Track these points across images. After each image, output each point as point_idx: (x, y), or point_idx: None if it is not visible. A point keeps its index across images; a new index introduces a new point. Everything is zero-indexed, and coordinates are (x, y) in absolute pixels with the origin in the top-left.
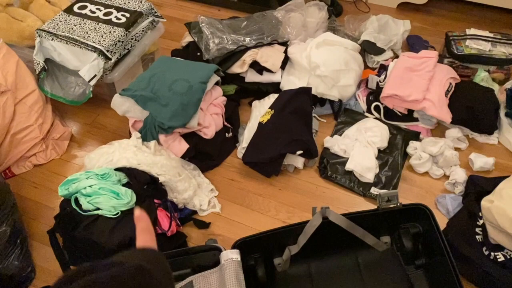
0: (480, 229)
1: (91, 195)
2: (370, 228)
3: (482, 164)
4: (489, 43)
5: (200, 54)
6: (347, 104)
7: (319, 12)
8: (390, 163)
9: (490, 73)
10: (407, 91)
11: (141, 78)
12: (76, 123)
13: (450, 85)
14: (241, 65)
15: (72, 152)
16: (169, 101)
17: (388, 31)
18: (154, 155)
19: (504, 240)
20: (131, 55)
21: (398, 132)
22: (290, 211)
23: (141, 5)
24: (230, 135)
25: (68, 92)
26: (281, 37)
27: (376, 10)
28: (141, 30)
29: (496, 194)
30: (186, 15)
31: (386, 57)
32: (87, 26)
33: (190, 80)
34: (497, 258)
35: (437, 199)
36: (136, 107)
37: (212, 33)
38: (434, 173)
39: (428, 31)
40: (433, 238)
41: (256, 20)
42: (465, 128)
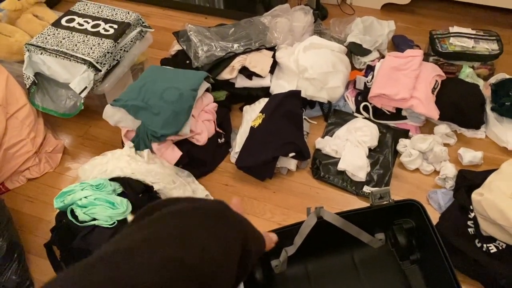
0: (471, 222)
1: (86, 206)
2: (364, 225)
3: (471, 159)
4: (472, 40)
5: (189, 62)
6: (336, 105)
7: (304, 16)
8: (381, 162)
9: (474, 69)
10: (394, 90)
11: (132, 88)
12: (69, 136)
13: (436, 83)
14: (230, 71)
15: (66, 164)
16: (160, 110)
17: (373, 32)
18: (147, 163)
19: (496, 231)
20: (120, 65)
21: (388, 130)
22: (285, 213)
23: (128, 16)
24: (222, 140)
25: (59, 105)
26: (268, 42)
27: (361, 12)
28: (130, 41)
29: (486, 187)
30: (173, 24)
31: (373, 57)
32: (76, 38)
33: (180, 88)
34: (489, 250)
35: (429, 194)
36: (128, 117)
37: (200, 40)
38: (424, 169)
39: (413, 30)
40: (426, 233)
41: (243, 26)
42: (453, 124)
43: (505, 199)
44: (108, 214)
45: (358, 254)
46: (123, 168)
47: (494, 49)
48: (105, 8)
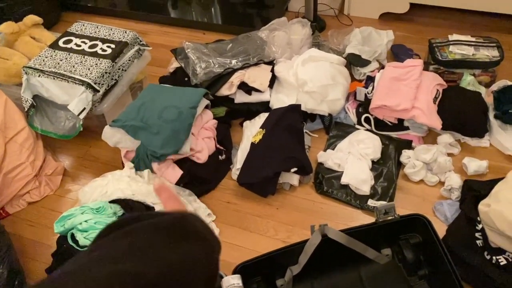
0: (479, 233)
1: (87, 230)
2: (370, 241)
3: (476, 168)
4: (472, 47)
5: (188, 79)
6: (337, 118)
7: (302, 29)
8: (385, 174)
9: (476, 77)
10: (395, 101)
11: (131, 108)
12: (69, 157)
13: (437, 92)
14: (229, 87)
15: (66, 186)
16: (160, 129)
17: (372, 43)
18: (148, 184)
19: (505, 243)
20: (119, 85)
21: (390, 142)
22: (289, 230)
23: (126, 35)
24: (223, 157)
25: (58, 126)
26: (267, 56)
27: (359, 22)
28: (128, 60)
29: (493, 197)
30: (171, 40)
31: (372, 68)
32: (73, 60)
33: (179, 106)
34: (499, 262)
35: (435, 206)
36: (127, 137)
37: (198, 57)
38: (429, 180)
39: (412, 39)
40: (433, 248)
41: (241, 41)
42: (456, 133)
43: None
44: None
45: (365, 270)
46: (124, 189)
47: (495, 56)
48: (102, 28)
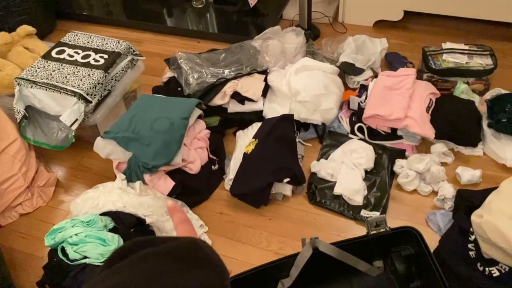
0: (472, 244)
1: (77, 243)
2: (362, 254)
3: (469, 177)
4: (465, 55)
5: (181, 89)
6: (331, 127)
7: (296, 38)
8: (378, 184)
9: (469, 85)
10: (388, 110)
11: (122, 119)
12: (62, 168)
13: (430, 101)
14: (222, 97)
15: (59, 197)
16: (151, 140)
17: (365, 51)
18: (139, 195)
19: (497, 254)
20: (112, 95)
21: (384, 151)
22: (282, 241)
23: (119, 45)
24: (216, 167)
25: (51, 137)
26: (260, 66)
27: (353, 30)
28: (121, 70)
29: (485, 207)
30: (166, 49)
31: (366, 76)
32: (66, 70)
33: (171, 117)
34: (492, 274)
35: (428, 216)
36: (118, 149)
37: (191, 68)
38: (422, 190)
39: (406, 47)
40: (425, 260)
41: (234, 51)
42: (449, 142)
43: (506, 221)
44: (99, 251)
45: (357, 283)
46: (115, 201)
47: (488, 64)
48: (95, 38)
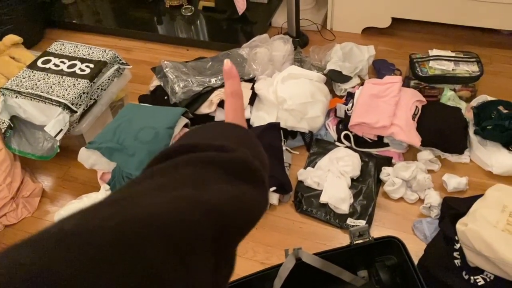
0: (458, 253)
1: None
2: (346, 264)
3: (456, 185)
4: (452, 62)
5: (167, 98)
6: (318, 135)
7: (284, 45)
8: (364, 192)
9: (456, 92)
10: (374, 118)
11: (107, 129)
12: (48, 178)
13: (416, 108)
14: (209, 106)
15: (45, 208)
16: (135, 151)
17: (353, 58)
18: None
19: (482, 262)
20: (98, 104)
21: (370, 159)
22: (268, 250)
23: (105, 54)
24: None
25: (37, 147)
26: (247, 74)
27: (342, 38)
28: (107, 79)
29: (470, 216)
30: (155, 57)
31: (353, 84)
32: (51, 80)
33: (156, 126)
34: (477, 282)
35: (414, 224)
36: (102, 159)
37: (177, 76)
38: (409, 197)
39: (394, 53)
40: (408, 270)
41: (221, 59)
42: (436, 149)
43: (490, 229)
44: None
45: None
46: None
47: (475, 71)
48: (81, 48)
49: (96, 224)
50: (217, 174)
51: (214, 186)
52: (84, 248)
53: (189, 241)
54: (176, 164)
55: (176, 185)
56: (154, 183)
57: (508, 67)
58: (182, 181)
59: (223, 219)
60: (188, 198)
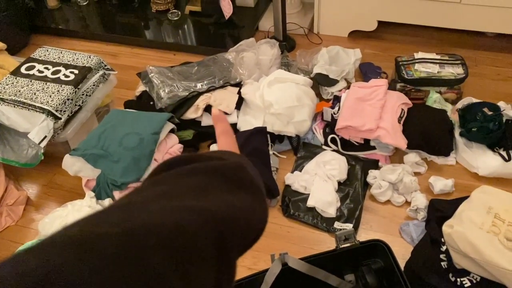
0: (444, 255)
1: None
2: (333, 268)
3: (442, 187)
4: (437, 65)
5: (153, 103)
6: (305, 138)
7: (271, 49)
8: (351, 195)
9: (442, 94)
10: (360, 122)
11: (91, 135)
12: (32, 185)
13: (402, 111)
14: (195, 110)
15: (29, 216)
16: (120, 157)
17: (339, 62)
18: None
19: (469, 264)
20: (83, 111)
21: (357, 162)
22: (255, 255)
23: (90, 60)
24: None
25: (21, 155)
26: (233, 78)
27: (329, 41)
28: (92, 85)
29: (456, 218)
30: (141, 62)
31: (340, 87)
32: (35, 87)
33: (141, 132)
34: (463, 284)
35: (401, 227)
36: (87, 166)
37: (162, 82)
38: (395, 200)
39: (380, 57)
40: (394, 273)
41: (207, 64)
42: (422, 151)
43: (476, 231)
44: None
45: None
46: None
47: (460, 73)
48: (66, 53)
49: (101, 230)
50: (218, 183)
51: (216, 195)
52: (89, 253)
53: (191, 250)
54: (180, 173)
55: (179, 194)
56: (158, 191)
57: (493, 69)
58: (185, 190)
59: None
60: (190, 207)
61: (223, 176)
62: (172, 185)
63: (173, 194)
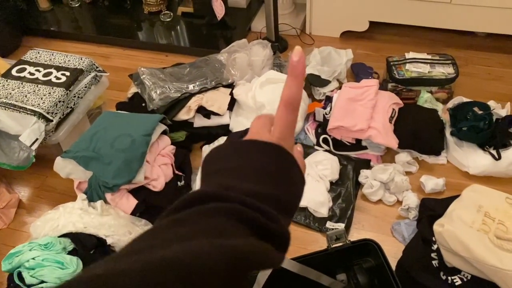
0: (435, 254)
1: (34, 267)
2: (325, 268)
3: (433, 186)
4: (428, 65)
5: (145, 104)
6: (298, 139)
7: (263, 50)
8: (343, 195)
9: (433, 94)
10: (352, 122)
11: (83, 137)
12: (25, 188)
13: (393, 111)
14: (187, 112)
15: (21, 219)
16: (112, 159)
17: (331, 62)
18: (101, 215)
19: (460, 263)
20: (75, 113)
21: (349, 162)
22: None
23: (81, 62)
24: (182, 183)
25: (12, 157)
26: (225, 79)
27: (321, 42)
28: (84, 87)
29: (447, 216)
30: (133, 63)
31: (332, 88)
32: (26, 89)
33: (132, 134)
34: (454, 283)
35: (393, 226)
36: (78, 168)
37: (154, 83)
38: (387, 200)
39: (372, 57)
40: (385, 272)
41: (199, 65)
42: (413, 151)
43: (466, 229)
44: (56, 275)
45: None
46: (75, 222)
47: (450, 73)
48: (57, 55)
49: (123, 267)
50: (238, 226)
51: (234, 237)
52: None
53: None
54: (201, 213)
55: (200, 234)
56: (178, 232)
57: (483, 69)
58: (206, 230)
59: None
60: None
61: (244, 221)
62: (193, 226)
63: (194, 235)
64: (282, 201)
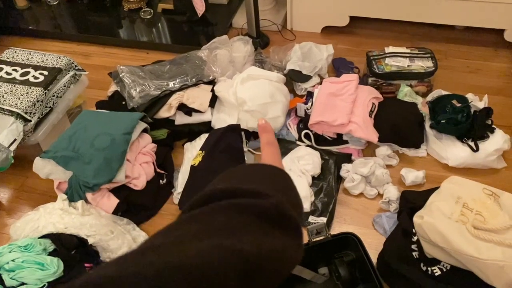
0: (415, 245)
1: (14, 269)
2: (307, 262)
3: (413, 179)
4: (407, 59)
5: (125, 103)
6: (280, 135)
7: (244, 46)
8: (325, 189)
9: (412, 87)
10: (332, 116)
11: (62, 137)
12: (4, 189)
13: (373, 105)
14: (168, 109)
15: (1, 221)
16: (92, 158)
17: (312, 58)
18: (82, 215)
19: (439, 253)
20: (54, 112)
21: (330, 156)
22: None
23: (59, 61)
24: (164, 181)
25: None
26: (206, 76)
27: (302, 37)
28: (63, 86)
29: (427, 208)
30: (114, 62)
31: (313, 83)
32: (3, 89)
33: (112, 133)
34: (434, 273)
35: (374, 219)
36: (58, 169)
37: (133, 81)
38: (368, 193)
39: (353, 52)
40: (365, 264)
41: (179, 62)
42: (393, 144)
43: (445, 221)
44: (37, 276)
45: None
46: (56, 223)
47: (429, 67)
48: (35, 55)
49: (135, 270)
50: (252, 222)
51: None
52: None
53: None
54: (213, 210)
55: (210, 234)
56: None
57: (462, 62)
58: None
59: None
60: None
61: (257, 215)
62: (205, 223)
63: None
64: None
